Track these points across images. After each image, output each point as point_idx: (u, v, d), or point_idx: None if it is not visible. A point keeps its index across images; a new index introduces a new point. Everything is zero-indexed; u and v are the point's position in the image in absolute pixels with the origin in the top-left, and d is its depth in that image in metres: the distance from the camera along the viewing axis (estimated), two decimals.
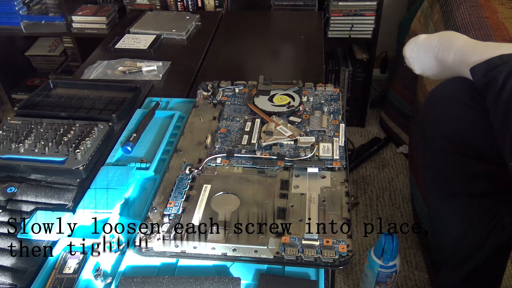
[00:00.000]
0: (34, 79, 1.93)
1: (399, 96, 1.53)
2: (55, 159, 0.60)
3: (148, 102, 0.74)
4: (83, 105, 0.73)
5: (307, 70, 0.64)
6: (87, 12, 1.65)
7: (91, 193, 0.54)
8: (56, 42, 1.94)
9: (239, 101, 0.69)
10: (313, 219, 0.49)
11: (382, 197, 1.36)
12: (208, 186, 0.54)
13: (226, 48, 0.96)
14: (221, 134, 0.62)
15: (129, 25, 1.03)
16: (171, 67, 0.88)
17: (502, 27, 1.12)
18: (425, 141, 0.79)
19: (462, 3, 1.28)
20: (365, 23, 1.57)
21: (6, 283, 0.45)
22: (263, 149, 0.59)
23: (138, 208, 0.55)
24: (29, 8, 1.69)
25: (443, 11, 1.32)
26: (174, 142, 0.63)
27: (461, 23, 1.20)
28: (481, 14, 1.20)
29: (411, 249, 1.20)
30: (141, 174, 0.58)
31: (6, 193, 0.56)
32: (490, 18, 1.18)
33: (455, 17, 1.25)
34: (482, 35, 1.10)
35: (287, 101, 0.67)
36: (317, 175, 0.55)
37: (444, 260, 0.87)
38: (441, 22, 1.30)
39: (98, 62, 0.89)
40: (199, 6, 1.63)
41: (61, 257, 0.47)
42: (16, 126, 0.66)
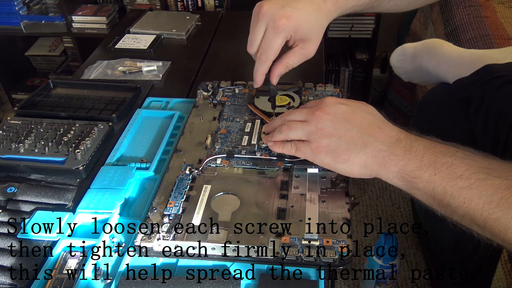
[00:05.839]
0: (34, 79, 1.93)
1: (399, 96, 1.54)
2: (55, 159, 0.60)
3: (148, 102, 0.74)
4: (83, 105, 0.73)
5: (307, 70, 0.64)
6: (87, 12, 1.66)
7: (91, 193, 0.54)
8: (56, 42, 1.94)
9: (239, 102, 0.69)
10: (313, 219, 0.49)
11: (382, 197, 1.36)
12: (208, 186, 0.54)
13: (226, 48, 0.96)
14: (221, 135, 0.62)
15: (129, 25, 1.03)
16: (171, 67, 0.88)
17: (500, 26, 1.12)
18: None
19: (461, 3, 1.28)
20: (365, 23, 1.57)
21: (6, 283, 0.45)
22: (263, 150, 0.59)
23: (138, 208, 0.55)
24: (29, 8, 1.69)
25: (442, 11, 1.33)
26: (174, 142, 0.63)
27: (460, 23, 1.20)
28: (480, 14, 1.21)
29: (411, 249, 1.20)
30: (141, 174, 0.58)
31: (6, 193, 0.56)
32: (489, 17, 1.18)
33: (454, 16, 1.25)
34: (481, 34, 1.10)
35: (287, 102, 0.67)
36: (317, 176, 0.55)
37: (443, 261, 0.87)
38: (440, 21, 1.30)
39: (98, 62, 0.89)
40: (199, 6, 1.63)
41: (61, 257, 0.47)
42: (16, 126, 0.66)
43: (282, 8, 0.54)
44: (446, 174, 0.43)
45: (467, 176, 0.42)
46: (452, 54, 0.81)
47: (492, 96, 0.66)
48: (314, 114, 0.50)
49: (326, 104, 0.51)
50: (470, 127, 0.70)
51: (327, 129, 0.49)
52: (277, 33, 0.54)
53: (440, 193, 0.43)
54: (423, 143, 0.46)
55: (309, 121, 0.50)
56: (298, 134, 0.51)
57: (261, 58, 0.57)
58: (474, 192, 0.41)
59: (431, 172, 0.44)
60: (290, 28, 0.55)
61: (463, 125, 0.72)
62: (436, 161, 0.44)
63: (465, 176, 0.42)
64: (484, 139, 0.67)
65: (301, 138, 0.51)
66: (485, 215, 0.41)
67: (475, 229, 0.43)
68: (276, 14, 0.54)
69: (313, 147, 0.50)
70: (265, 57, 0.56)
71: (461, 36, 1.15)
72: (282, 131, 0.53)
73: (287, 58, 0.58)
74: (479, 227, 0.42)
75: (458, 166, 0.43)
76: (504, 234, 0.40)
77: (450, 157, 0.44)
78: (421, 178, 0.44)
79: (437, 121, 0.78)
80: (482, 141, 0.67)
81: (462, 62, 0.79)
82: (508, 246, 0.41)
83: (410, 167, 0.45)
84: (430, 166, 0.44)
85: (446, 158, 0.44)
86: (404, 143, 0.47)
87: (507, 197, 0.40)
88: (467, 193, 0.42)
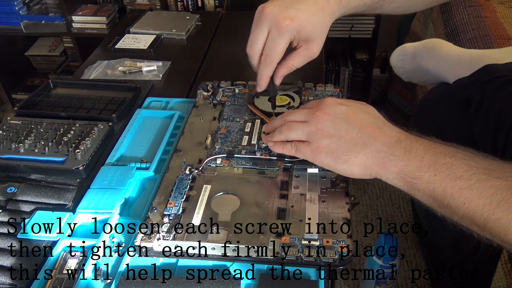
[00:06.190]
0: (34, 79, 1.93)
1: (399, 96, 1.54)
2: (55, 159, 0.60)
3: (148, 102, 0.74)
4: (83, 105, 0.73)
5: (307, 70, 0.64)
6: (87, 12, 1.66)
7: (91, 193, 0.54)
8: (56, 42, 1.94)
9: (239, 102, 0.69)
10: (313, 219, 0.49)
11: (382, 197, 1.36)
12: (208, 186, 0.54)
13: (226, 48, 0.96)
14: (221, 135, 0.62)
15: (129, 25, 1.03)
16: (171, 67, 0.88)
17: (500, 26, 1.12)
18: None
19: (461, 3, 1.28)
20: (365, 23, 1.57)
21: (6, 283, 0.45)
22: (263, 150, 0.59)
23: (138, 208, 0.55)
24: (29, 8, 1.69)
25: (442, 11, 1.33)
26: (174, 142, 0.63)
27: (460, 23, 1.20)
28: (480, 14, 1.21)
29: (411, 249, 1.20)
30: (141, 174, 0.58)
31: (6, 193, 0.56)
32: (489, 17, 1.18)
33: (454, 16, 1.25)
34: (481, 34, 1.10)
35: (287, 102, 0.67)
36: (317, 176, 0.55)
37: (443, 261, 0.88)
38: (440, 21, 1.30)
39: (98, 62, 0.89)
40: (199, 6, 1.63)
41: (61, 257, 0.47)
42: (16, 126, 0.66)
43: (286, 9, 0.54)
44: (446, 175, 0.43)
45: (467, 177, 0.42)
46: (452, 54, 0.81)
47: (492, 96, 0.66)
48: (314, 115, 0.50)
49: (326, 104, 0.51)
50: (470, 127, 0.70)
51: (327, 129, 0.49)
52: (281, 35, 0.54)
53: (440, 194, 0.43)
54: (423, 143, 0.46)
55: (309, 122, 0.50)
56: (298, 134, 0.51)
57: (266, 61, 0.57)
58: (474, 192, 0.41)
59: (431, 173, 0.44)
60: (294, 29, 0.54)
61: (463, 125, 0.72)
62: (436, 161, 0.44)
63: (465, 176, 0.42)
64: (484, 139, 0.67)
65: (301, 138, 0.51)
66: (485, 216, 0.41)
67: (475, 230, 0.43)
68: (279, 15, 0.54)
69: (313, 147, 0.50)
70: (270, 60, 0.56)
71: (461, 36, 1.15)
72: (282, 132, 0.52)
73: (291, 59, 0.58)
74: (479, 227, 0.42)
75: (458, 167, 0.43)
76: (504, 235, 0.40)
77: (450, 158, 0.44)
78: (421, 178, 0.44)
79: (437, 121, 0.78)
80: (482, 141, 0.67)
81: (462, 62, 0.79)
82: (508, 247, 0.41)
83: (410, 168, 0.45)
84: (430, 166, 0.44)
85: (446, 159, 0.44)
86: (404, 143, 0.47)
87: (507, 198, 0.40)
88: (467, 194, 0.42)
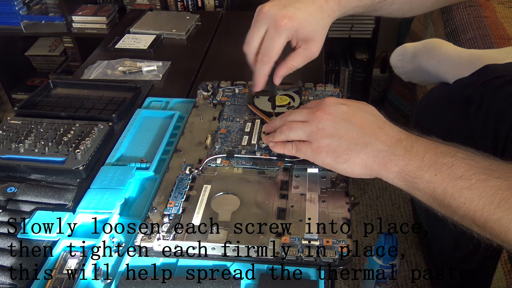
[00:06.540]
0: (34, 79, 1.93)
1: (399, 96, 1.54)
2: (55, 159, 0.60)
3: (148, 102, 0.74)
4: (83, 105, 0.73)
5: (307, 70, 0.63)
6: (87, 12, 1.66)
7: (91, 193, 0.54)
8: (56, 42, 1.94)
9: (239, 102, 0.69)
10: (313, 219, 0.49)
11: (382, 197, 1.36)
12: (208, 186, 0.54)
13: (226, 48, 0.96)
14: (221, 135, 0.62)
15: (129, 25, 1.03)
16: (171, 67, 0.88)
17: (500, 26, 1.12)
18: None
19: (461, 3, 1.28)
20: (365, 23, 1.57)
21: (6, 283, 0.45)
22: (263, 150, 0.59)
23: (138, 208, 0.55)
24: (29, 8, 1.69)
25: (442, 11, 1.33)
26: (174, 142, 0.63)
27: (460, 23, 1.20)
28: (480, 14, 1.21)
29: (411, 249, 1.20)
30: (141, 174, 0.58)
31: (6, 193, 0.56)
32: (489, 17, 1.18)
33: (454, 16, 1.25)
34: (481, 34, 1.10)
35: (287, 102, 0.67)
36: (317, 176, 0.55)
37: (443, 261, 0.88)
38: (440, 21, 1.30)
39: (98, 62, 0.89)
40: (199, 6, 1.63)
41: (61, 257, 0.47)
42: (16, 126, 0.66)
43: (284, 8, 0.54)
44: (446, 175, 0.43)
45: (467, 177, 0.42)
46: (452, 54, 0.81)
47: (492, 96, 0.66)
48: (315, 115, 0.50)
49: (327, 104, 0.51)
50: (470, 127, 0.70)
51: (327, 129, 0.49)
52: (278, 33, 0.54)
53: (441, 194, 0.43)
54: (424, 143, 0.46)
55: (310, 122, 0.50)
56: (299, 134, 0.51)
57: (263, 60, 0.56)
58: (474, 192, 0.41)
59: (432, 173, 0.44)
60: (292, 28, 0.54)
61: (463, 125, 0.72)
62: (437, 161, 0.44)
63: (466, 176, 0.42)
64: (484, 139, 0.67)
65: (301, 138, 0.51)
66: (485, 216, 0.41)
67: (475, 230, 0.43)
68: (277, 14, 0.54)
69: (314, 147, 0.50)
70: (267, 58, 0.56)
71: (461, 36, 1.15)
72: (283, 132, 0.52)
73: (291, 59, 0.58)
74: (479, 227, 0.42)
75: (458, 167, 0.43)
76: (504, 235, 0.40)
77: (451, 158, 0.44)
78: (422, 178, 0.44)
79: (437, 121, 0.78)
80: (482, 141, 0.67)
81: (462, 62, 0.79)
82: (508, 247, 0.41)
83: (411, 168, 0.45)
84: (430, 166, 0.44)
85: (447, 159, 0.44)
86: (405, 143, 0.47)
87: (507, 198, 0.40)
88: (468, 194, 0.42)
